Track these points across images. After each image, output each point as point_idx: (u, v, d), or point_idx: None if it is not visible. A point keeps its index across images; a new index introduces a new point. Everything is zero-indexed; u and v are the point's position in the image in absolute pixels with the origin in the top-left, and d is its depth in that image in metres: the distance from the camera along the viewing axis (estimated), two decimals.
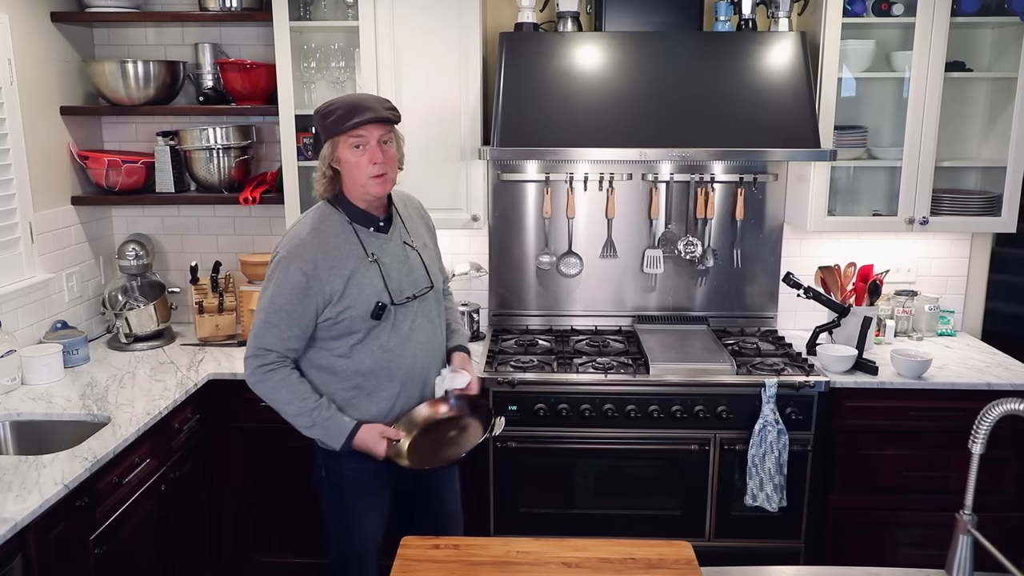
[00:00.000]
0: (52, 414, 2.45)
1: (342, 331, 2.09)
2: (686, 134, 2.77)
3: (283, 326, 2.07)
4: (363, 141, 2.04)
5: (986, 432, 1.39)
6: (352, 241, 2.10)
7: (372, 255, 2.11)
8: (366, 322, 2.08)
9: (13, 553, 1.80)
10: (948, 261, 3.33)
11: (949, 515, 1.51)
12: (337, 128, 2.03)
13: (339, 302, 2.06)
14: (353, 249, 2.10)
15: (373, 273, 2.09)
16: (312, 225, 2.12)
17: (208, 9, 3.02)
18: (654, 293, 3.34)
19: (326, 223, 2.12)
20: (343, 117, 2.02)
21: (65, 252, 3.05)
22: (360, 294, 2.07)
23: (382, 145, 2.06)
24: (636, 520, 2.87)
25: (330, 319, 2.07)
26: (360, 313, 2.07)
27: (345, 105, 2.04)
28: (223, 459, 2.89)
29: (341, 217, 2.13)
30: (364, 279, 2.08)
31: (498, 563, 1.67)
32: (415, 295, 2.16)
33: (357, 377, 2.13)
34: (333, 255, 2.07)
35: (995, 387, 2.74)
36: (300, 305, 2.06)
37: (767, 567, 1.74)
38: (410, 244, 2.21)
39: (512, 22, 3.04)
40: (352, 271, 2.07)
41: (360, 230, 2.12)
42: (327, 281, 2.05)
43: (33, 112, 2.85)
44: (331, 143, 2.06)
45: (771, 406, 2.69)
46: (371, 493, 2.23)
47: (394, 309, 2.11)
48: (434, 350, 2.24)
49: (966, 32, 3.04)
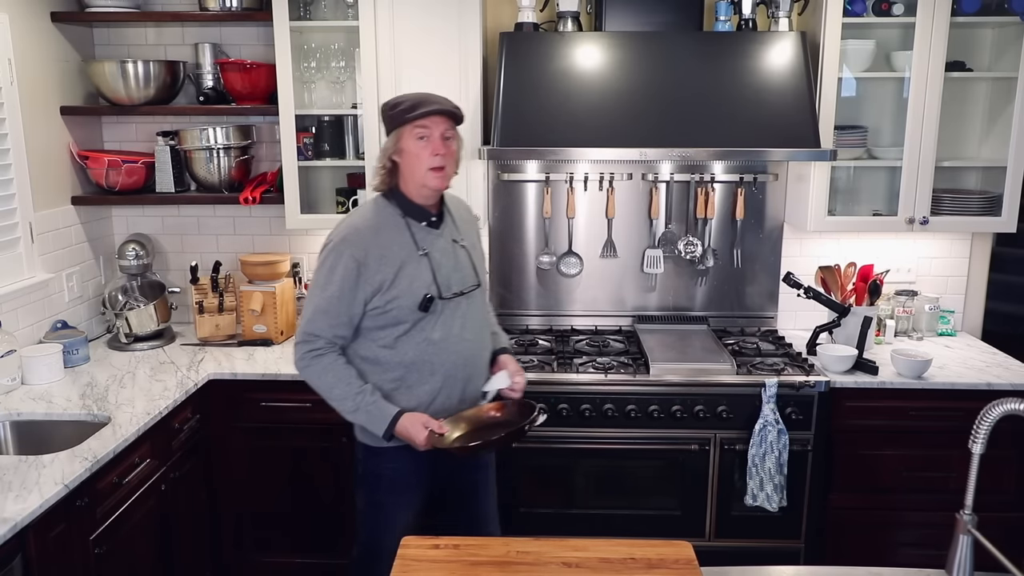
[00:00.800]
0: (52, 414, 2.45)
1: (389, 321, 2.12)
2: (686, 134, 2.77)
3: (333, 312, 2.11)
4: (427, 133, 2.08)
5: (986, 432, 1.39)
6: (404, 234, 2.14)
7: (423, 249, 2.15)
8: (413, 313, 2.11)
9: (13, 553, 1.80)
10: (948, 261, 3.33)
11: (949, 515, 1.51)
12: (402, 118, 2.08)
13: (388, 291, 2.10)
14: (405, 242, 2.13)
15: (423, 266, 2.13)
16: (366, 216, 2.17)
17: (208, 9, 3.02)
18: (654, 293, 3.34)
19: (380, 215, 2.16)
20: (410, 108, 2.07)
21: (65, 252, 3.05)
22: (409, 285, 2.11)
23: (445, 140, 2.11)
24: (636, 520, 2.87)
25: (378, 308, 2.11)
26: (408, 304, 2.11)
27: (413, 98, 2.11)
28: (223, 459, 2.89)
29: (395, 210, 2.16)
30: (414, 271, 2.12)
31: (498, 563, 1.67)
32: (463, 291, 2.20)
33: (400, 369, 2.16)
34: (385, 245, 2.11)
35: (995, 387, 2.74)
36: (351, 292, 2.10)
37: (767, 567, 1.74)
38: (459, 242, 2.24)
39: (512, 22, 3.04)
40: (402, 262, 2.11)
41: (412, 224, 2.16)
42: (377, 270, 2.09)
43: (33, 112, 2.85)
44: (395, 134, 2.11)
45: (771, 406, 2.69)
46: (406, 491, 2.26)
47: (441, 303, 2.15)
48: (480, 349, 2.27)
49: (966, 32, 3.04)
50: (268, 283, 3.15)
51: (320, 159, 3.13)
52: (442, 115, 2.09)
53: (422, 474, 2.24)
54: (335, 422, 2.82)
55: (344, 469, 2.88)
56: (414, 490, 2.27)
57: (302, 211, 3.08)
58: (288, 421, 2.86)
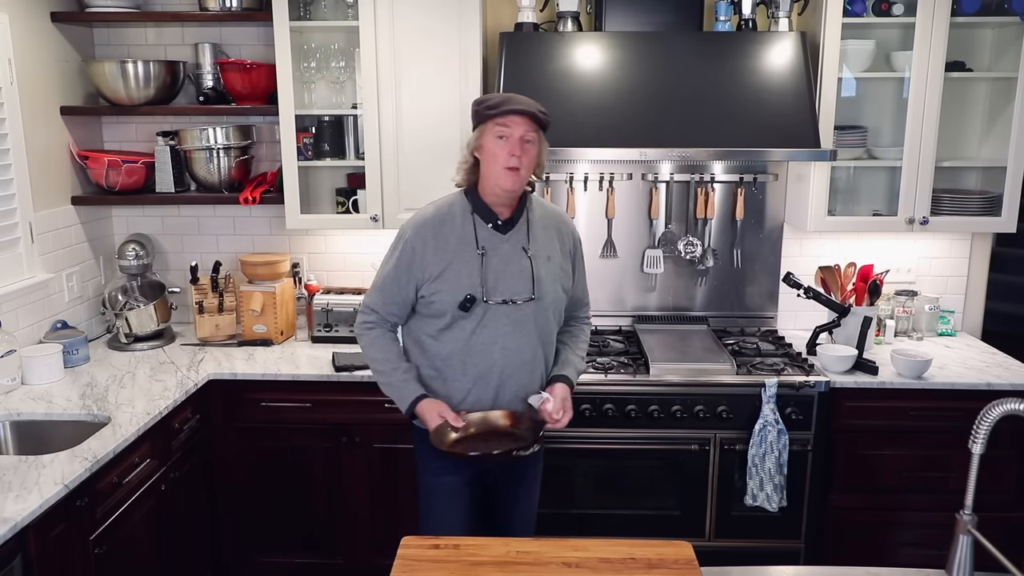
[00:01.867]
0: (52, 414, 2.45)
1: (434, 312, 2.15)
2: (686, 134, 2.77)
3: (387, 292, 2.18)
4: (507, 132, 2.06)
5: (986, 432, 1.39)
6: (467, 230, 2.15)
7: (482, 248, 2.14)
8: (453, 310, 2.12)
9: (13, 553, 1.80)
10: (948, 261, 3.33)
11: (949, 515, 1.51)
12: (486, 114, 2.08)
13: (434, 283, 2.12)
14: (465, 238, 2.14)
15: (473, 266, 2.13)
16: (440, 206, 2.19)
17: (208, 9, 3.02)
18: (654, 293, 3.34)
19: (452, 208, 2.18)
20: (495, 105, 2.08)
21: (65, 252, 3.05)
22: (456, 282, 2.11)
23: (524, 143, 2.08)
24: (636, 520, 2.87)
25: (424, 297, 2.15)
26: (450, 300, 2.12)
27: (499, 96, 2.13)
28: (223, 459, 2.89)
29: (467, 206, 2.17)
30: (463, 269, 2.12)
31: (498, 563, 1.67)
32: (512, 300, 2.13)
33: (437, 360, 2.18)
34: (445, 237, 2.14)
35: (995, 387, 2.74)
36: (403, 277, 2.15)
37: (767, 567, 1.74)
38: (527, 251, 2.17)
39: (512, 22, 3.05)
40: (454, 258, 2.12)
41: (479, 222, 2.16)
42: (430, 261, 2.12)
43: (33, 112, 2.85)
44: (479, 129, 2.11)
45: (771, 406, 2.69)
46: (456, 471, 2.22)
47: (484, 307, 2.12)
48: (523, 363, 2.17)
49: (966, 32, 3.04)
50: (268, 283, 3.14)
51: (320, 159, 3.13)
52: (524, 116, 2.06)
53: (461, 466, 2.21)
54: (335, 422, 2.84)
55: (343, 469, 2.89)
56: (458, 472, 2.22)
57: (302, 211, 3.08)
58: (288, 421, 2.86)
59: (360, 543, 2.96)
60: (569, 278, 2.28)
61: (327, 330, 3.14)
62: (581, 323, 2.40)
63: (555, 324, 2.25)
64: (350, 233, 3.33)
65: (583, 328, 2.40)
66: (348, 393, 2.83)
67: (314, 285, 3.29)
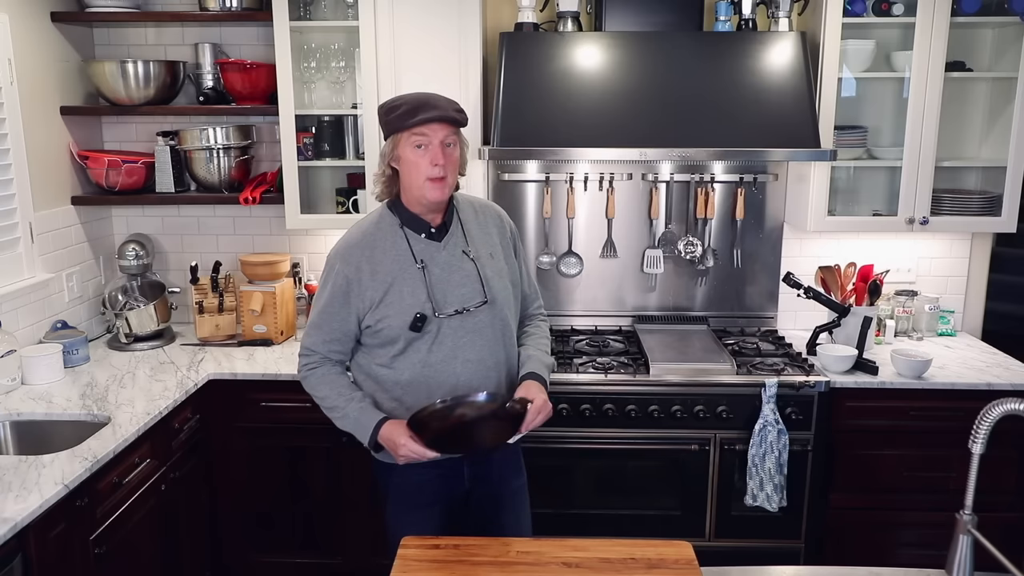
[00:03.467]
0: (52, 414, 2.45)
1: (383, 340, 2.02)
2: (686, 134, 2.77)
3: (325, 329, 2.04)
4: (425, 140, 1.93)
5: (986, 432, 1.39)
6: (401, 246, 2.01)
7: (421, 262, 2.00)
8: (405, 333, 1.98)
9: (13, 553, 1.80)
10: (948, 261, 3.33)
11: (949, 515, 1.51)
12: (400, 124, 1.94)
13: (377, 310, 1.99)
14: (400, 255, 2.01)
15: (416, 282, 1.99)
16: (365, 228, 2.06)
17: (208, 9, 3.02)
18: (654, 293, 3.34)
19: (379, 226, 2.05)
20: (407, 113, 1.93)
21: (65, 252, 3.05)
22: (400, 303, 1.98)
23: (445, 147, 1.95)
24: (636, 520, 2.87)
25: (370, 327, 2.01)
26: (398, 323, 1.98)
27: (411, 101, 1.95)
28: (223, 459, 2.89)
29: (394, 221, 2.04)
30: (405, 288, 1.99)
31: (498, 563, 1.67)
32: (464, 308, 2.01)
33: (397, 389, 2.04)
34: (378, 259, 2.00)
35: (995, 387, 2.74)
36: (342, 310, 2.02)
37: (767, 567, 1.74)
38: (468, 254, 2.06)
39: (512, 22, 3.05)
40: (393, 279, 1.99)
41: (411, 235, 2.03)
42: (368, 287, 1.99)
43: (33, 112, 2.85)
44: (392, 140, 1.97)
45: (771, 406, 2.69)
46: (414, 508, 2.12)
47: (437, 322, 1.99)
48: (487, 369, 2.06)
49: (966, 32, 3.04)
50: (268, 283, 3.14)
51: (320, 159, 3.13)
52: (442, 122, 1.93)
53: (428, 491, 2.10)
54: None
55: (343, 469, 2.89)
56: (423, 508, 2.11)
57: (302, 211, 3.08)
58: (288, 421, 2.85)
59: (360, 543, 2.96)
60: (516, 271, 2.17)
61: None
62: (537, 321, 2.28)
63: (514, 323, 2.14)
64: None
65: (539, 326, 2.27)
66: None
67: (314, 285, 3.29)
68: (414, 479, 2.08)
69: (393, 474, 2.10)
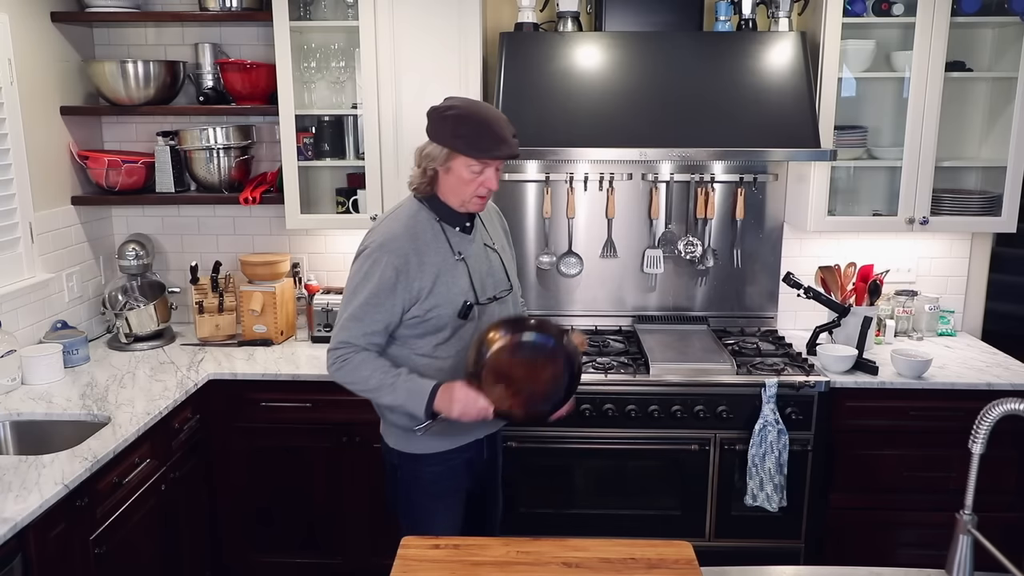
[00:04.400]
0: (52, 414, 2.45)
1: (428, 329, 2.06)
2: (686, 134, 2.77)
3: (367, 320, 2.03)
4: (483, 168, 2.01)
5: (986, 432, 1.39)
6: (440, 239, 2.08)
7: (459, 254, 2.09)
8: (453, 321, 2.06)
9: (13, 553, 1.80)
10: (948, 261, 3.33)
11: (949, 515, 1.51)
12: (467, 149, 1.97)
13: (427, 300, 2.03)
14: (441, 247, 2.07)
15: (460, 272, 2.08)
16: (403, 220, 2.08)
17: (208, 9, 3.02)
18: (654, 293, 3.34)
19: (416, 219, 2.08)
20: (477, 140, 1.96)
21: (65, 252, 3.05)
22: (448, 292, 2.05)
23: (497, 172, 2.04)
24: (636, 520, 2.87)
25: (417, 317, 2.04)
26: (448, 312, 2.05)
27: (479, 123, 1.97)
28: (223, 459, 2.89)
29: (430, 215, 2.09)
30: (451, 278, 2.06)
31: (498, 563, 1.67)
32: (496, 296, 2.15)
33: (439, 376, 2.07)
34: (423, 252, 2.04)
35: (995, 387, 2.74)
36: (388, 300, 2.02)
37: (767, 567, 1.74)
38: (491, 246, 2.19)
39: (512, 22, 3.04)
40: (439, 270, 2.05)
41: (448, 229, 2.09)
42: (416, 277, 2.02)
43: (33, 112, 2.85)
44: (449, 152, 2.00)
45: (771, 406, 2.69)
46: (446, 495, 2.19)
47: (478, 309, 2.09)
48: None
49: (966, 32, 3.04)
50: (268, 283, 3.14)
51: (320, 159, 3.13)
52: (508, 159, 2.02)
53: (459, 476, 2.19)
54: (335, 422, 2.84)
55: (343, 469, 2.89)
56: (454, 494, 2.21)
57: (302, 211, 3.08)
58: (288, 421, 2.86)
59: (360, 543, 2.96)
60: (514, 260, 2.33)
61: (327, 330, 3.14)
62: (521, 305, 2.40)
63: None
64: (350, 233, 3.33)
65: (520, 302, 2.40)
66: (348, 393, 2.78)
67: (314, 285, 3.29)
68: (446, 465, 2.15)
69: (423, 463, 2.15)
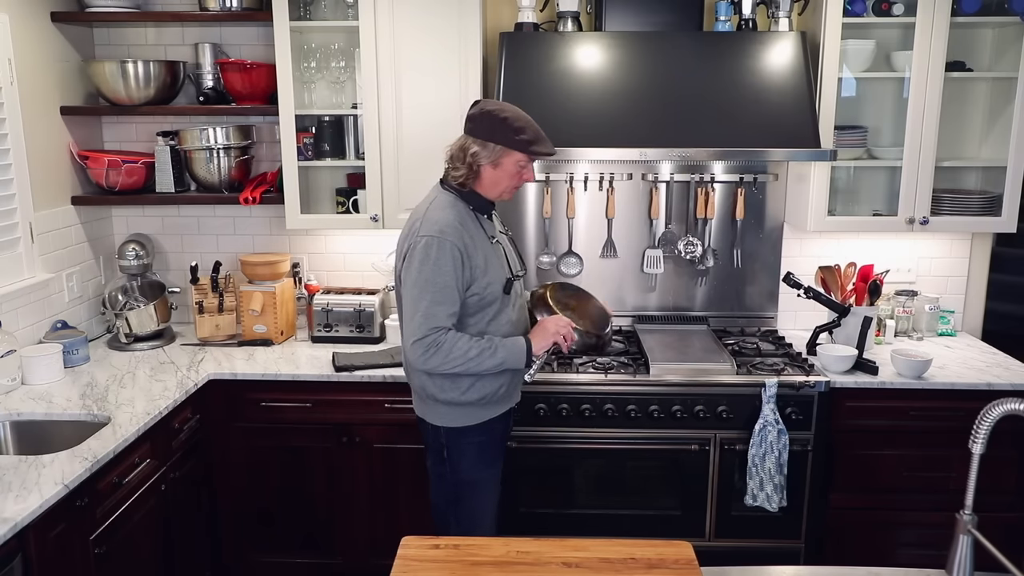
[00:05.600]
0: (52, 414, 2.45)
1: (484, 304, 2.25)
2: (686, 134, 2.77)
3: (448, 302, 2.17)
4: (529, 164, 2.27)
5: (986, 432, 1.39)
6: (477, 226, 2.28)
7: (492, 238, 2.31)
8: (501, 296, 2.28)
9: (13, 553, 1.80)
10: (948, 261, 3.33)
11: (949, 515, 1.51)
12: (523, 147, 2.20)
13: (483, 277, 2.22)
14: (480, 232, 2.27)
15: (499, 252, 2.31)
16: (447, 210, 2.24)
17: (208, 9, 3.02)
18: (654, 293, 3.34)
19: (456, 208, 2.26)
20: (535, 141, 2.21)
21: (65, 252, 3.05)
22: (496, 270, 2.27)
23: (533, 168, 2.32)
24: (636, 520, 2.87)
25: (477, 295, 2.23)
26: (497, 288, 2.26)
27: (529, 125, 2.22)
28: (223, 459, 2.89)
29: (465, 204, 2.28)
30: (493, 258, 2.27)
31: (498, 563, 1.67)
32: (518, 275, 2.38)
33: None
34: (473, 235, 2.24)
35: (995, 387, 2.74)
36: (458, 280, 2.19)
37: (767, 567, 1.74)
38: (505, 231, 2.45)
39: (512, 22, 3.04)
40: (485, 251, 2.25)
41: (480, 217, 2.31)
42: (473, 255, 2.21)
43: (33, 112, 2.85)
44: (501, 150, 2.21)
45: (771, 406, 2.69)
46: (495, 462, 2.41)
47: (515, 284, 2.34)
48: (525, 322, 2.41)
49: (966, 32, 3.04)
50: (268, 283, 3.15)
51: (320, 159, 3.13)
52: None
53: (499, 444, 2.41)
54: (335, 422, 2.84)
55: (343, 469, 2.89)
56: (496, 464, 2.41)
57: (302, 211, 3.08)
58: (288, 421, 2.86)
59: (360, 543, 2.96)
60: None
61: (327, 330, 3.15)
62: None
63: None
64: (350, 233, 3.33)
65: None
66: (348, 393, 2.83)
67: (314, 285, 3.29)
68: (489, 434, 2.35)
69: (471, 433, 2.32)
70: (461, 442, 2.32)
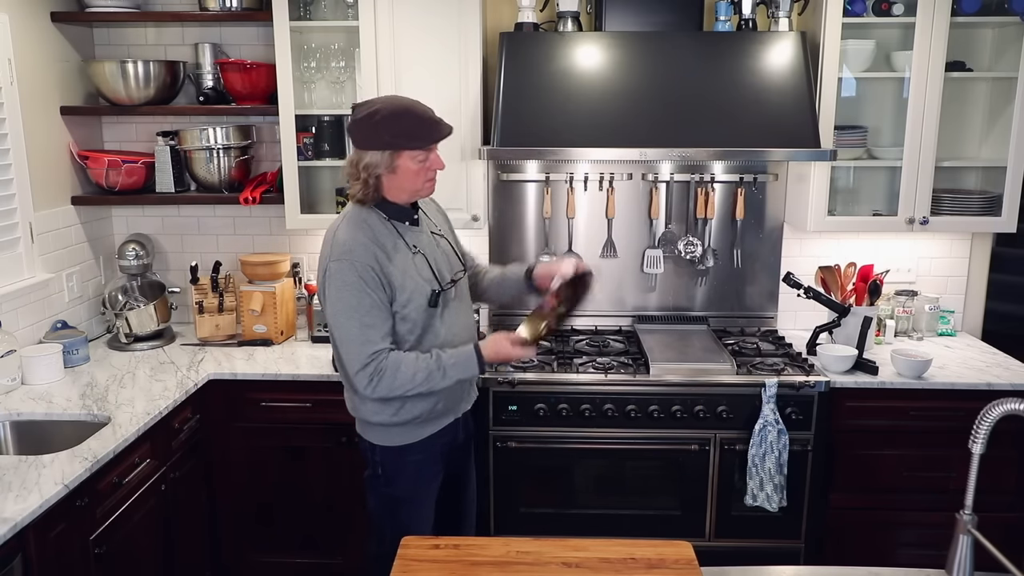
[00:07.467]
0: (52, 414, 2.45)
1: (408, 321, 2.13)
2: (686, 134, 2.77)
3: (378, 325, 2.07)
4: (427, 155, 2.10)
5: (986, 432, 1.39)
6: (395, 237, 2.14)
7: (414, 247, 2.16)
8: (426, 311, 2.14)
9: (13, 553, 1.80)
10: (948, 261, 3.33)
11: (949, 515, 1.51)
12: (412, 143, 2.06)
13: (402, 294, 2.10)
14: (398, 244, 2.13)
15: (421, 264, 2.16)
16: (359, 226, 2.11)
17: (208, 9, 3.02)
18: (654, 293, 3.34)
19: (368, 223, 2.12)
20: (417, 131, 2.06)
21: (65, 252, 3.05)
22: (415, 286, 2.12)
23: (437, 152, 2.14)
24: (636, 520, 2.87)
25: (397, 312, 2.12)
26: (420, 303, 2.13)
27: (409, 115, 2.06)
28: (223, 459, 2.89)
29: (379, 216, 2.14)
30: (414, 272, 2.13)
31: (498, 563, 1.67)
32: (454, 279, 2.24)
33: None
34: (386, 250, 2.10)
35: (995, 387, 2.74)
36: (382, 300, 2.08)
37: (767, 567, 1.74)
38: (437, 232, 2.28)
39: (512, 22, 3.04)
40: (404, 265, 2.12)
41: (398, 226, 2.16)
42: (390, 273, 2.09)
43: (33, 112, 2.85)
44: (389, 155, 2.06)
45: (771, 406, 2.69)
46: (430, 481, 2.30)
47: (444, 294, 2.18)
48: (469, 326, 2.32)
49: (966, 32, 3.04)
50: (268, 283, 3.15)
51: (320, 159, 3.13)
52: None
53: (439, 462, 2.30)
54: (335, 422, 2.83)
55: (343, 469, 2.88)
56: (435, 479, 2.31)
57: (302, 211, 3.08)
58: (288, 421, 2.86)
59: (360, 543, 2.95)
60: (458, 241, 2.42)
61: (327, 330, 3.13)
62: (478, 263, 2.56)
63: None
64: None
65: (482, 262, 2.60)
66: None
67: (314, 285, 3.28)
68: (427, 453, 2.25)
69: (407, 453, 2.23)
70: (397, 461, 2.23)
